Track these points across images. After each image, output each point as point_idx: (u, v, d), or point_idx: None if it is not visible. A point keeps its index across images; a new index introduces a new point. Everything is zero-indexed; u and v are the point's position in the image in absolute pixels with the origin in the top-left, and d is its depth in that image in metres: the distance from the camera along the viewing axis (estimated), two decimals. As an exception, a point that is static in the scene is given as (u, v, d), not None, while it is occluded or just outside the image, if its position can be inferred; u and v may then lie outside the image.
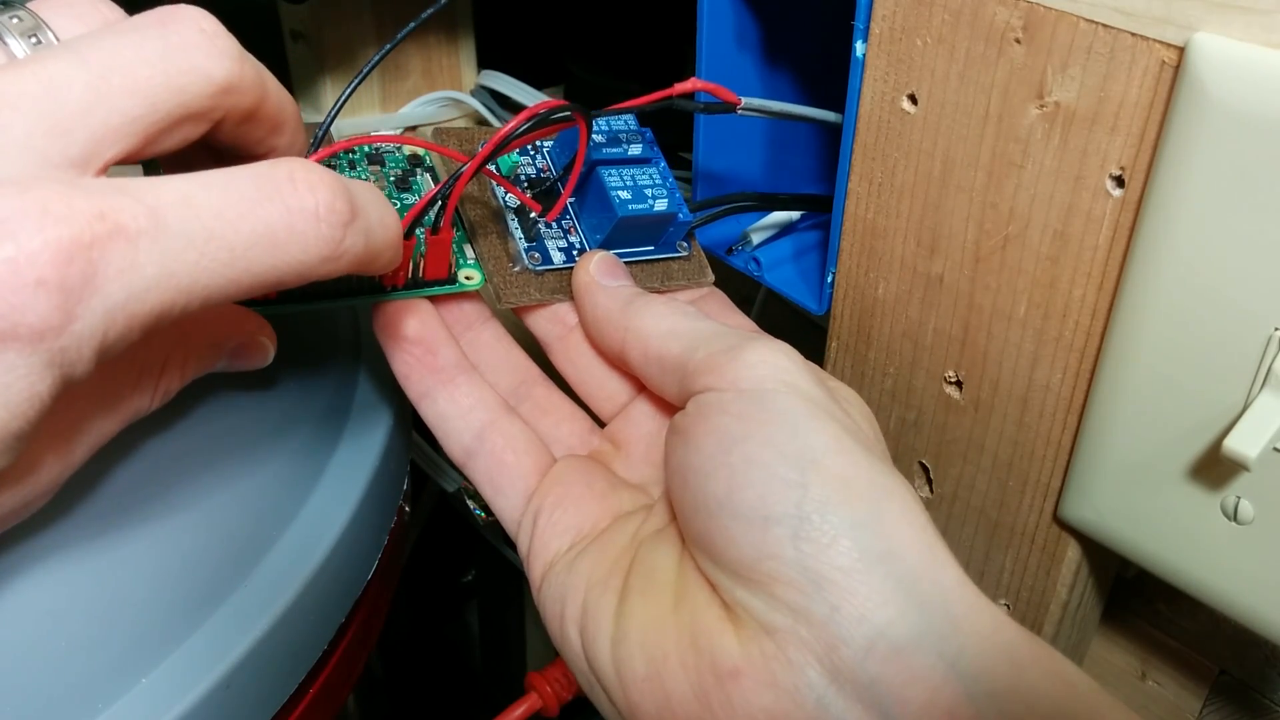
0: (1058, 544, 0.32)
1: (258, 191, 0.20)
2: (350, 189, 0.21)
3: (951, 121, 0.29)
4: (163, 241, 0.18)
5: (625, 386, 0.31)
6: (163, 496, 0.25)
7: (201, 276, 0.19)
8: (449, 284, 0.30)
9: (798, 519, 0.22)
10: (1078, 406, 0.30)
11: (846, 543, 0.22)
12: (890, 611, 0.22)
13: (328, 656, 0.28)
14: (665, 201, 0.31)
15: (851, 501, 0.23)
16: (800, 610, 0.22)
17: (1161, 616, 0.38)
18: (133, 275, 0.18)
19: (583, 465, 0.29)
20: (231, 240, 0.19)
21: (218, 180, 0.19)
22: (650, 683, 0.24)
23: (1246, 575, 0.28)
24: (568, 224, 0.32)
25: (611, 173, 0.32)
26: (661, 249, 0.33)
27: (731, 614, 0.23)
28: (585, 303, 0.30)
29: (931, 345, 0.33)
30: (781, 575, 0.22)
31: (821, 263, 0.37)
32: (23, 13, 0.21)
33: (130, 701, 0.23)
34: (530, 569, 0.28)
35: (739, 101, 0.32)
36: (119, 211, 0.18)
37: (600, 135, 0.32)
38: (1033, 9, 0.26)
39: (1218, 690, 0.37)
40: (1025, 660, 0.21)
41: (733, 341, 0.26)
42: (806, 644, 0.22)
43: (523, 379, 0.31)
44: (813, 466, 0.23)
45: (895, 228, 0.32)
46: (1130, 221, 0.26)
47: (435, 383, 0.29)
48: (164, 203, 0.18)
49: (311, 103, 0.53)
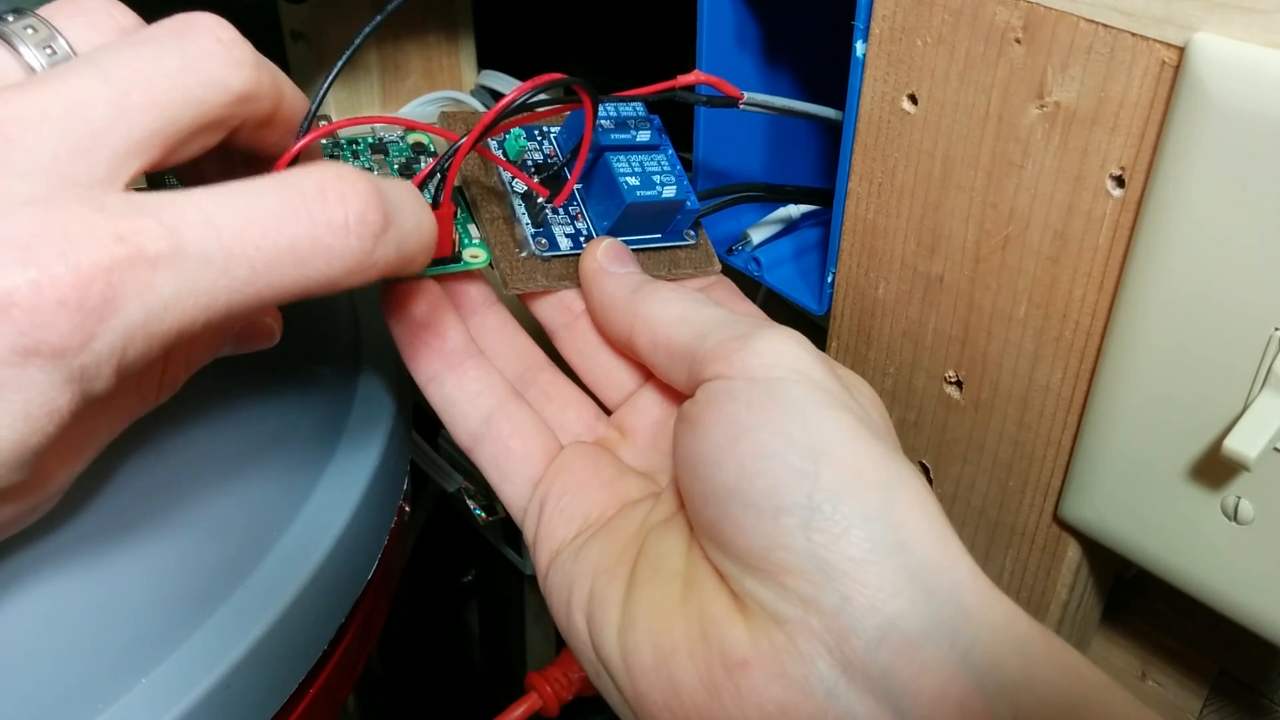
0: (1058, 544, 0.32)
1: (283, 206, 0.20)
2: (385, 195, 0.21)
3: (951, 121, 0.29)
4: (182, 263, 0.18)
5: (632, 374, 0.31)
6: (163, 497, 0.25)
7: (222, 295, 0.19)
8: (453, 263, 0.30)
9: (809, 509, 0.22)
10: (1078, 406, 0.30)
11: (858, 533, 0.22)
12: (902, 602, 0.21)
13: (328, 656, 0.28)
14: (674, 189, 0.31)
15: (863, 491, 0.22)
16: (811, 601, 0.22)
17: (1161, 616, 0.38)
18: (151, 296, 0.18)
19: (590, 452, 0.29)
20: (253, 258, 0.19)
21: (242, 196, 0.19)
22: (658, 672, 0.24)
23: (1246, 575, 0.28)
24: (575, 210, 0.32)
25: (620, 159, 0.31)
26: (669, 237, 0.33)
27: (741, 604, 0.23)
28: (593, 289, 0.30)
29: (931, 345, 0.33)
30: (792, 565, 0.22)
31: (821, 263, 0.37)
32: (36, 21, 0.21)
33: (130, 701, 0.23)
34: (536, 556, 0.28)
35: (741, 95, 0.32)
36: (139, 234, 0.18)
37: (608, 120, 0.32)
38: (1033, 9, 0.26)
39: (1218, 690, 0.37)
40: (1037, 653, 0.21)
41: (743, 329, 0.26)
42: (817, 635, 0.22)
43: (529, 364, 0.31)
44: (824, 456, 0.23)
45: (895, 228, 0.32)
46: (1130, 221, 0.26)
47: (443, 366, 0.29)
48: (185, 223, 0.18)
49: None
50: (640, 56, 0.56)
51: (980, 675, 0.21)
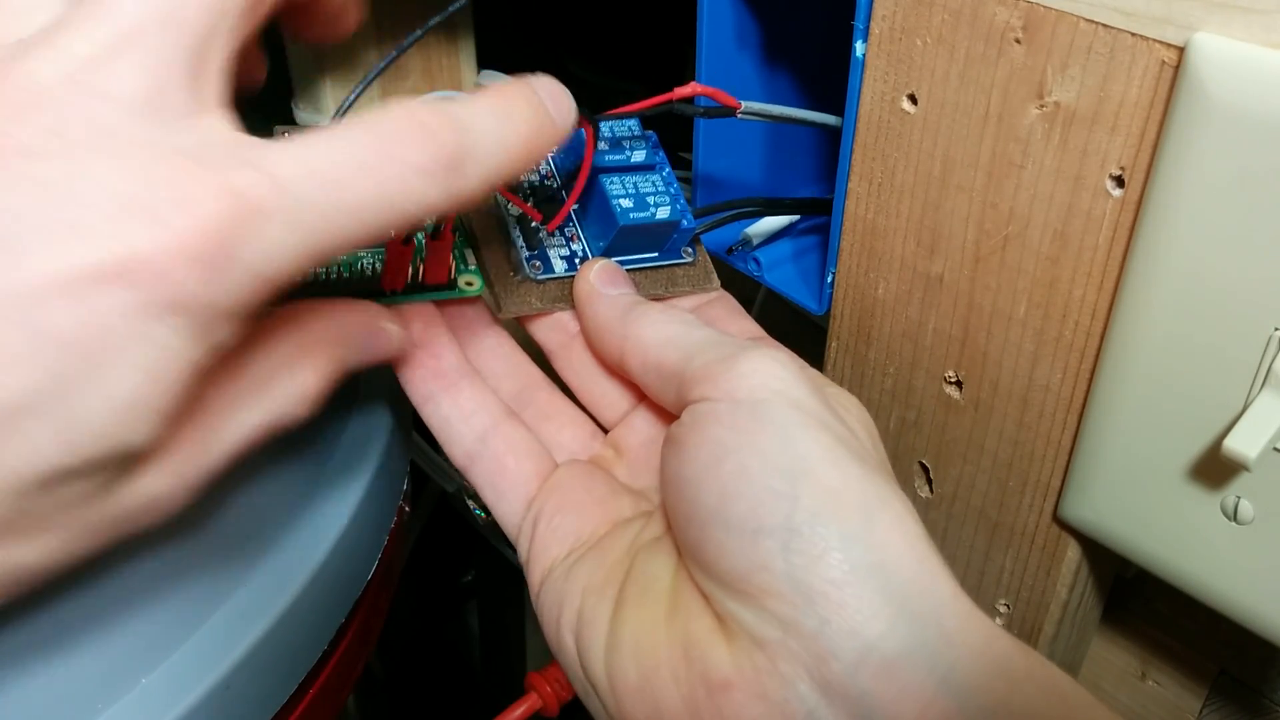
0: (1058, 544, 0.32)
1: (372, 153, 0.21)
2: (459, 127, 0.22)
3: (951, 121, 0.29)
4: (287, 211, 0.19)
5: (627, 395, 0.31)
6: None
7: (323, 238, 0.20)
8: (448, 289, 0.30)
9: (788, 531, 0.22)
10: (1078, 406, 0.30)
11: (837, 555, 0.22)
12: (881, 625, 0.21)
13: (328, 657, 0.28)
14: (668, 209, 0.31)
15: (842, 513, 0.22)
16: (791, 623, 0.22)
17: (1161, 616, 0.38)
18: (265, 244, 0.19)
19: (583, 471, 0.29)
20: (350, 203, 0.20)
21: (336, 145, 0.20)
22: (642, 692, 0.23)
23: (1246, 575, 0.28)
24: (570, 231, 0.32)
25: (614, 180, 0.31)
26: (666, 255, 0.33)
27: (724, 625, 0.23)
28: (586, 311, 0.30)
29: (931, 345, 0.33)
30: (772, 588, 0.22)
31: (821, 263, 0.37)
32: None
33: (130, 701, 0.23)
34: (529, 574, 0.28)
35: (739, 106, 0.32)
36: (251, 187, 0.19)
37: (603, 140, 0.32)
38: (1033, 9, 0.26)
39: (1218, 690, 0.37)
40: (1019, 674, 0.21)
41: (728, 351, 0.26)
42: (797, 657, 0.22)
43: (525, 384, 0.31)
44: (804, 477, 0.23)
45: (895, 228, 0.32)
46: (1130, 221, 0.26)
47: (438, 387, 0.29)
48: (287, 175, 0.20)
49: (311, 103, 0.53)
50: (640, 56, 0.56)
51: (961, 698, 0.21)
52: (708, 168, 0.39)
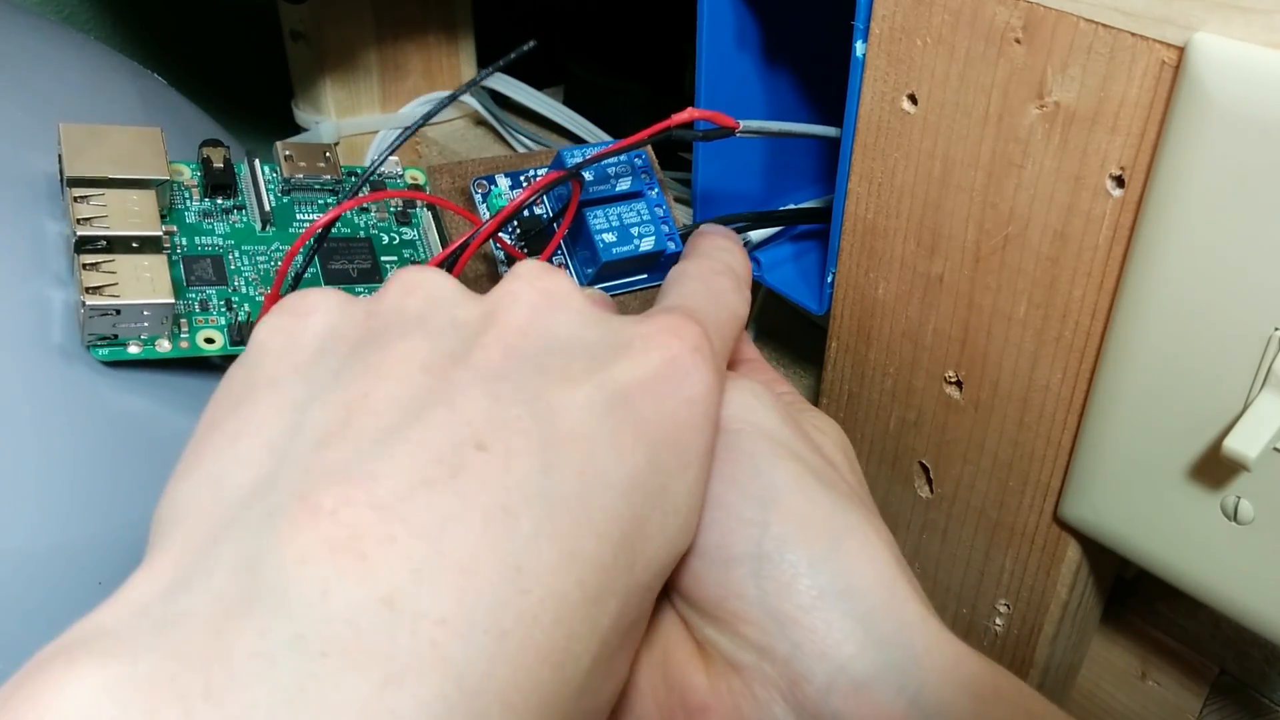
0: (1058, 544, 0.32)
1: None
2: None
3: (951, 121, 0.29)
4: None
5: None
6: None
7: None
8: None
9: (758, 558, 0.23)
10: (1078, 406, 0.30)
11: (805, 581, 0.22)
12: (850, 648, 0.22)
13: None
14: (652, 239, 0.32)
15: (810, 539, 0.23)
16: (764, 648, 0.22)
17: (1161, 616, 0.38)
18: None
19: None
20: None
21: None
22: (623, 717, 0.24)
23: (1246, 575, 0.28)
24: (559, 261, 0.33)
25: (597, 214, 0.32)
26: (655, 278, 0.33)
27: (702, 651, 0.24)
28: None
29: (931, 345, 0.33)
30: (745, 614, 0.22)
31: (821, 263, 0.37)
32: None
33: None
34: None
35: (737, 125, 0.32)
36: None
37: (589, 172, 0.32)
38: (1033, 9, 0.26)
39: (1218, 690, 0.37)
40: (987, 694, 0.21)
41: None
42: (772, 681, 0.22)
43: None
44: (774, 505, 0.23)
45: (895, 228, 0.32)
46: (1130, 221, 0.26)
47: None
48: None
49: (311, 103, 0.53)
50: (640, 57, 0.56)
51: (930, 717, 0.21)
52: (706, 182, 0.39)
